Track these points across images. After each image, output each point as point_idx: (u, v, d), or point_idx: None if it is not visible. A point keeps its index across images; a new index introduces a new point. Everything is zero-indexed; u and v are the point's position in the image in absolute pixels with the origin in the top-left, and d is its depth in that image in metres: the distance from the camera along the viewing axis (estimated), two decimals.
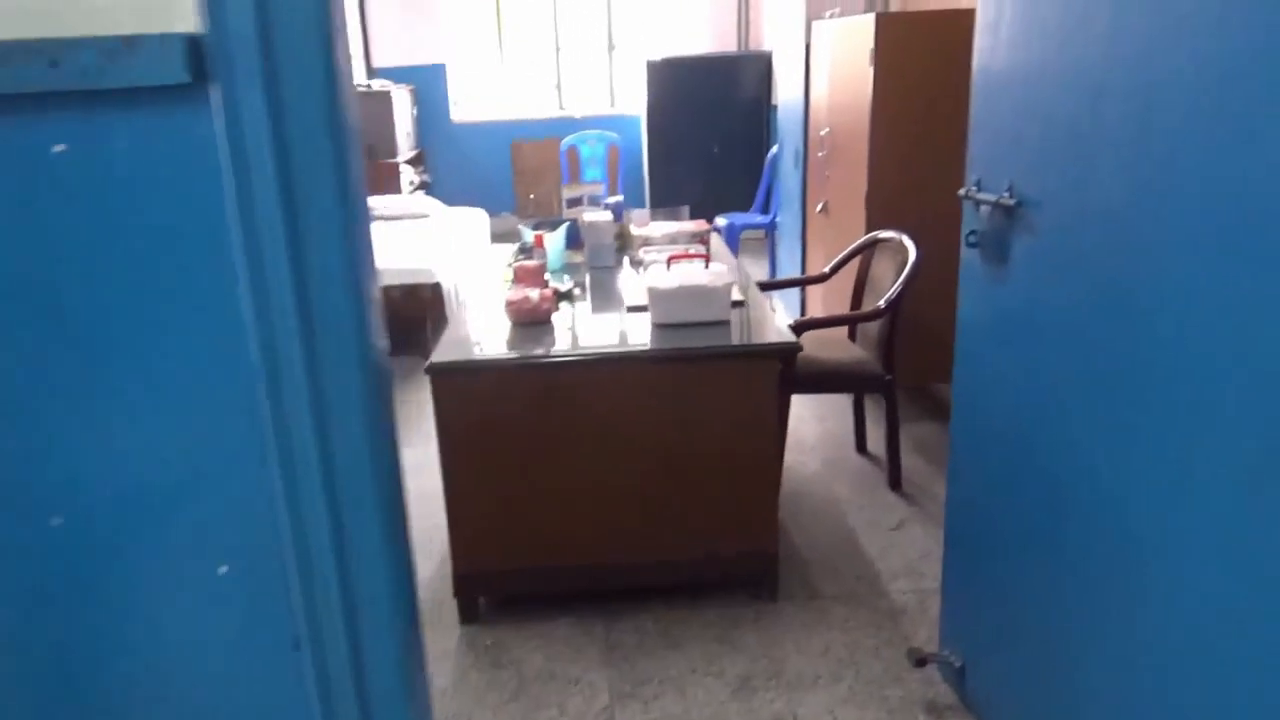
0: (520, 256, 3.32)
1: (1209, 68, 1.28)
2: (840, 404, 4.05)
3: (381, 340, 0.94)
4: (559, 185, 7.67)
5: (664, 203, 7.87)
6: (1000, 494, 1.98)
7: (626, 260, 3.52)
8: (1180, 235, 1.36)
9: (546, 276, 3.03)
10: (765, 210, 6.79)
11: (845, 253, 3.55)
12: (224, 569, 0.82)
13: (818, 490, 3.44)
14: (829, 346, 3.40)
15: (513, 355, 2.54)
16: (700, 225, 3.75)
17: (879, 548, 3.04)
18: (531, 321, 2.76)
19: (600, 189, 3.97)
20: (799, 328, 3.09)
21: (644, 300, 2.79)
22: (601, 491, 2.58)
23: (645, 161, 7.94)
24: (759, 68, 7.62)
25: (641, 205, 8.25)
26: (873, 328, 3.31)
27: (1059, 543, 1.75)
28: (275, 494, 0.82)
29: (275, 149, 0.80)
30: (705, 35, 8.23)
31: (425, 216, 6.54)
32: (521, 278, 2.88)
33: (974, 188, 1.97)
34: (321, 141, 0.82)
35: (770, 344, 2.53)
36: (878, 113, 3.54)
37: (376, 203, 6.63)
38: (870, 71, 3.52)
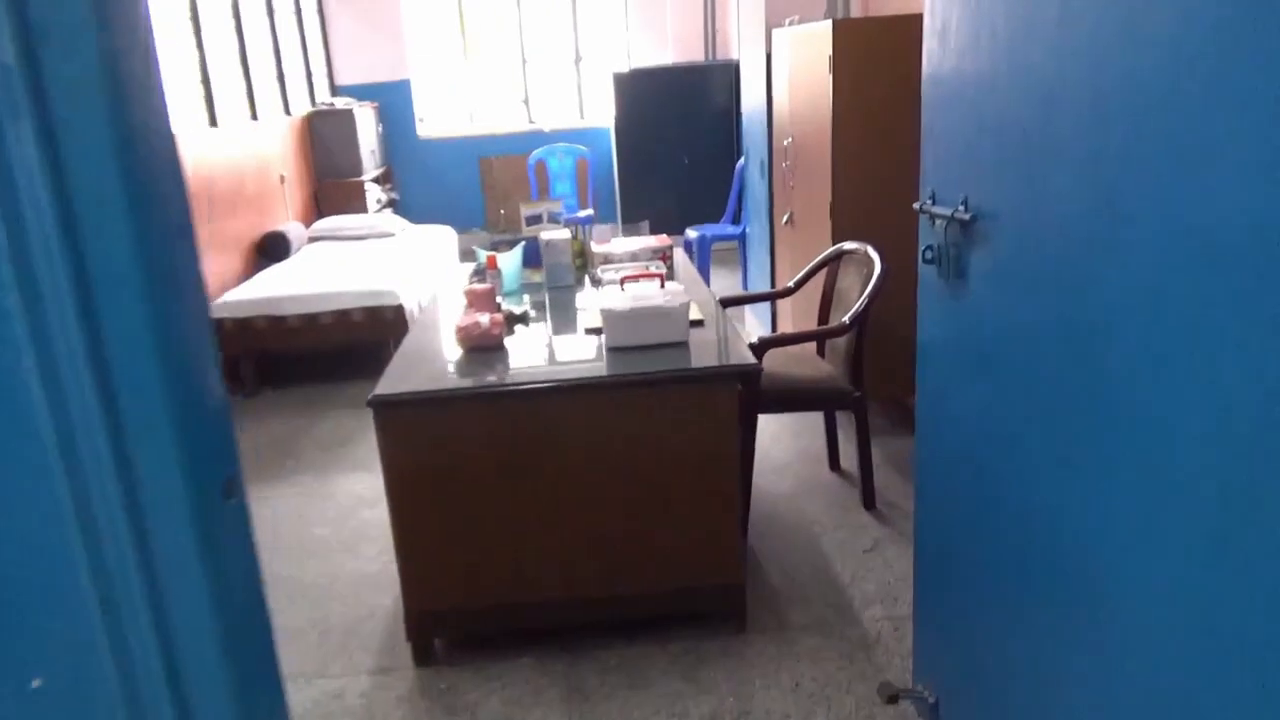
0: (475, 278, 3.21)
1: (1164, 70, 1.18)
2: (813, 420, 3.95)
3: (216, 391, 0.82)
4: (530, 198, 7.57)
5: (636, 216, 7.78)
6: (966, 522, 1.88)
7: (588, 279, 3.42)
8: (1139, 252, 1.27)
9: (499, 299, 2.91)
10: (736, 221, 6.71)
11: (810, 266, 3.45)
12: (37, 683, 0.71)
13: (789, 512, 3.33)
14: (797, 363, 3.30)
15: (458, 385, 2.43)
16: (662, 241, 3.65)
17: (852, 572, 2.93)
18: (482, 347, 2.65)
19: (560, 205, 3.87)
20: (763, 346, 2.99)
21: (600, 322, 2.68)
22: (558, 524, 2.47)
23: (616, 174, 7.85)
24: (727, 77, 7.54)
25: (613, 218, 8.17)
26: (841, 343, 3.22)
27: (1025, 576, 1.65)
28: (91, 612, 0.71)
29: (57, 211, 0.69)
30: (672, 45, 8.16)
31: (390, 235, 6.42)
32: (472, 302, 2.77)
33: (928, 201, 1.87)
34: (112, 200, 0.71)
35: (728, 366, 2.43)
36: (839, 121, 3.45)
37: (340, 222, 6.51)
38: (830, 79, 3.43)
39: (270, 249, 5.76)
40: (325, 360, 5.17)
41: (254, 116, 6.05)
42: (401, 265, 5.47)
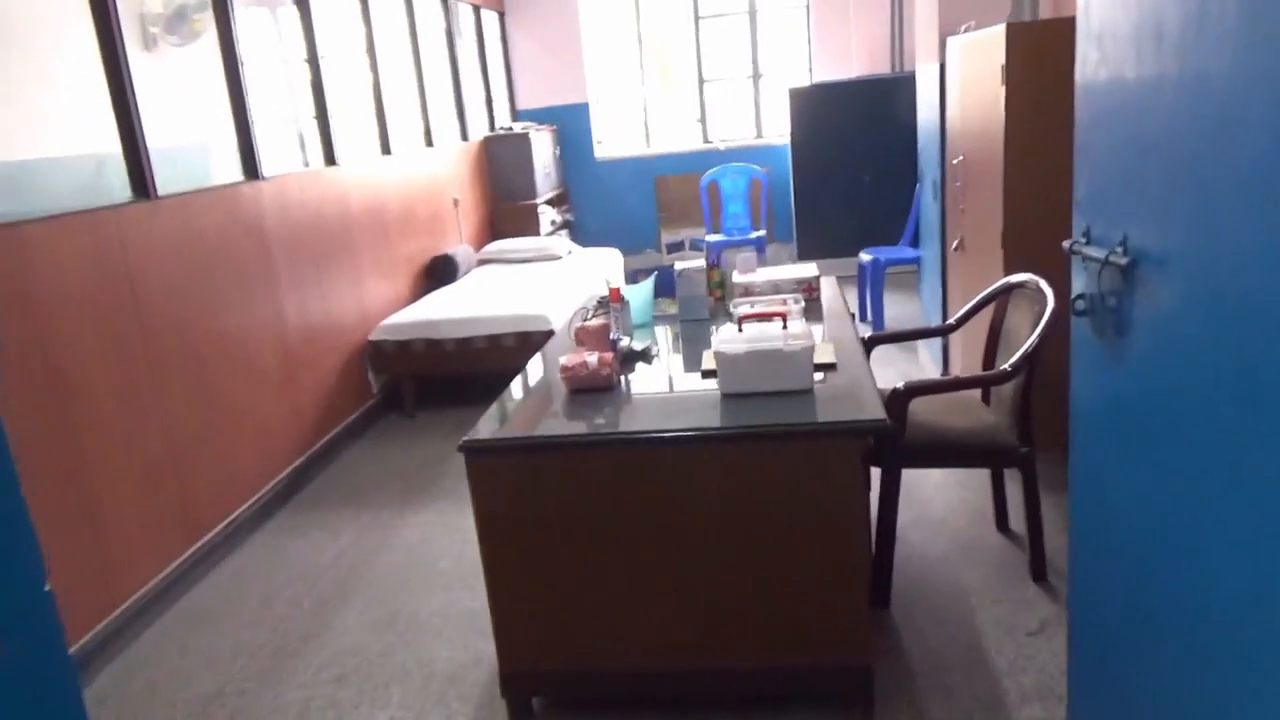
0: (598, 310, 3.06)
1: None
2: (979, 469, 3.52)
3: None
4: (703, 219, 7.42)
5: (812, 236, 7.45)
6: (1129, 617, 1.51)
7: (732, 305, 3.17)
8: None
9: (616, 335, 2.74)
10: (916, 244, 6.24)
11: (974, 301, 3.06)
12: None
13: (942, 579, 2.95)
14: (954, 410, 2.92)
15: (552, 432, 2.27)
16: (808, 271, 3.36)
17: (1010, 658, 2.53)
18: (589, 388, 2.48)
19: (702, 231, 3.65)
20: (908, 392, 2.65)
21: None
22: (661, 587, 2.25)
23: (792, 193, 7.54)
24: (911, 90, 7.06)
25: (789, 238, 7.86)
26: (1007, 388, 2.81)
27: (1200, 685, 1.28)
28: None
29: None
30: (856, 58, 7.76)
31: (557, 258, 6.43)
32: (583, 339, 2.61)
33: (1081, 239, 1.52)
34: None
35: (848, 421, 2.13)
36: (1012, 138, 3.05)
37: (508, 245, 6.59)
38: (1001, 91, 3.04)
39: (438, 272, 5.90)
40: (483, 383, 5.21)
41: (429, 143, 6.23)
42: (561, 288, 5.44)
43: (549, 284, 5.60)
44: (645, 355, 2.79)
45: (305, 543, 3.67)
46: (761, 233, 7.09)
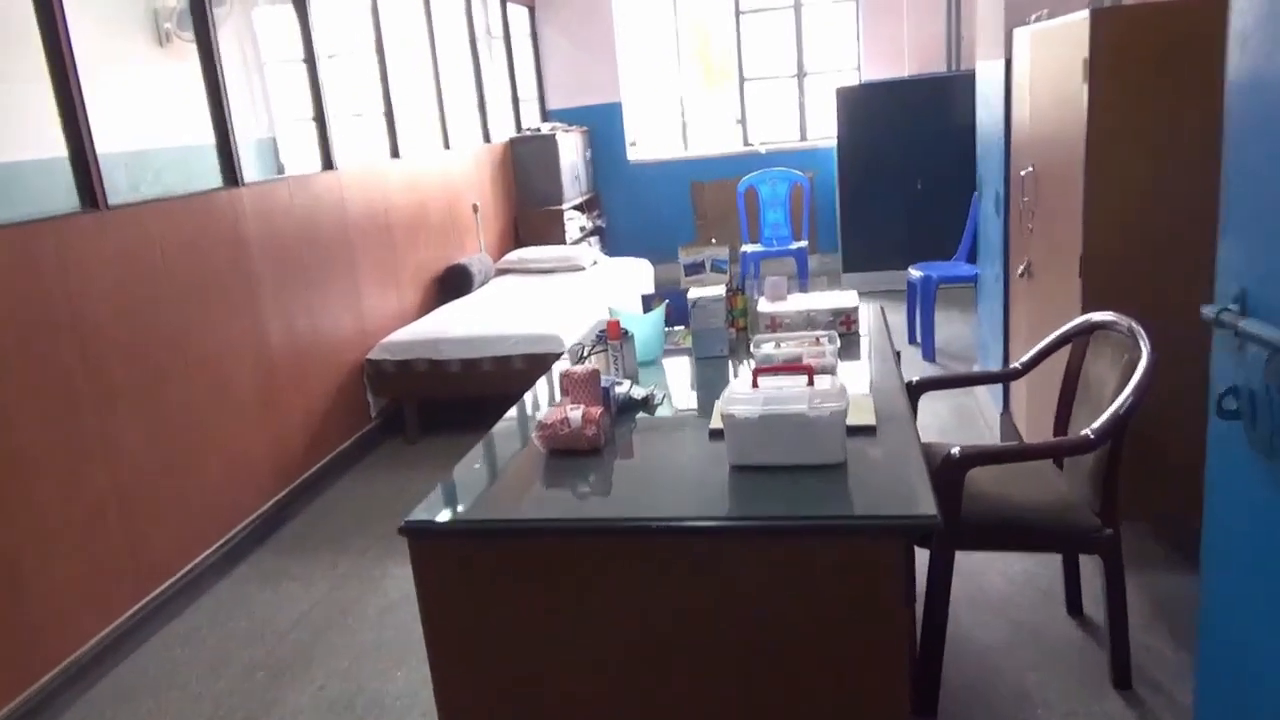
0: (596, 347, 2.60)
1: None
2: None
3: None
4: (739, 228, 6.94)
5: (857, 247, 6.94)
6: None
7: (753, 341, 2.70)
8: None
9: (611, 381, 2.28)
10: (972, 258, 5.69)
11: (1047, 342, 2.55)
12: None
13: (1000, 678, 2.45)
14: (1019, 476, 2.42)
15: (513, 516, 1.82)
16: (846, 300, 2.87)
17: None
18: (569, 450, 2.03)
19: (725, 250, 3.18)
20: (962, 463, 2.15)
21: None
22: (650, 711, 1.79)
23: (837, 200, 7.03)
24: (969, 90, 6.50)
25: (833, 249, 7.34)
26: (1086, 456, 2.31)
27: None
28: None
29: None
30: (909, 56, 7.21)
31: (580, 269, 6.00)
32: (568, 388, 2.16)
33: (1232, 307, 1.04)
34: None
35: (891, 518, 1.65)
36: (1097, 147, 2.54)
37: (529, 254, 6.18)
38: (1084, 91, 2.52)
39: (451, 283, 5.50)
40: (494, 406, 4.79)
41: (446, 145, 5.84)
42: (580, 304, 5.00)
43: (568, 298, 5.16)
44: (647, 404, 2.33)
45: (273, 595, 3.27)
46: (803, 243, 6.59)
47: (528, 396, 2.60)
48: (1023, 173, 3.11)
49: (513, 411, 2.49)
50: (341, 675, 2.74)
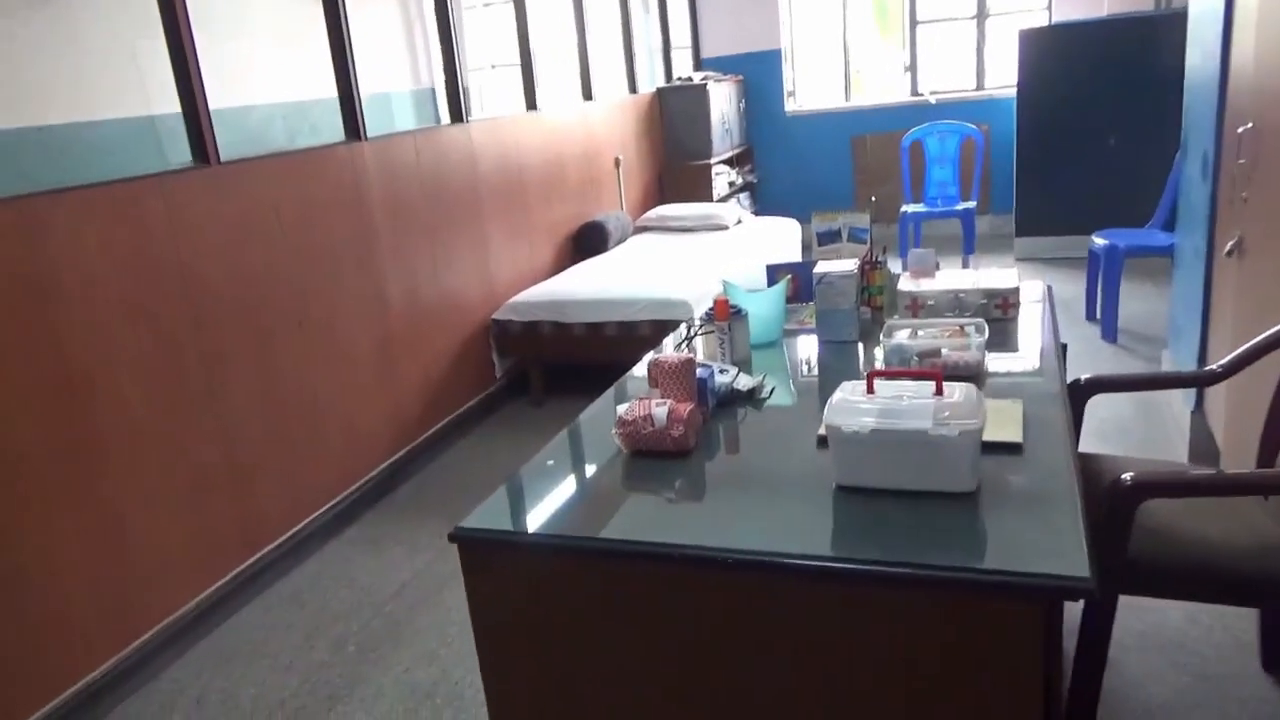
0: (702, 325, 2.31)
1: None
2: None
3: None
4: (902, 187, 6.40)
5: (1036, 210, 6.27)
6: None
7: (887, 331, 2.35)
8: None
9: (712, 370, 2.00)
10: (1170, 226, 4.98)
11: (1258, 342, 2.07)
12: None
13: None
14: (1212, 507, 1.97)
15: (577, 532, 1.58)
16: (1005, 279, 2.45)
17: None
18: (655, 451, 1.77)
19: (865, 218, 2.80)
20: (1139, 490, 1.74)
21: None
22: None
23: (1015, 156, 6.35)
24: (1180, 32, 5.66)
25: (1007, 210, 6.68)
26: None
27: None
28: None
29: None
30: None
31: (723, 228, 5.68)
32: (657, 379, 1.89)
33: None
34: None
35: (1030, 576, 1.29)
36: None
37: (669, 211, 5.91)
38: None
39: (586, 241, 5.30)
40: (620, 372, 4.58)
41: (588, 96, 5.61)
42: (717, 267, 4.69)
43: (706, 260, 4.86)
44: (753, 397, 2.04)
45: (378, 561, 3.21)
46: (971, 204, 5.99)
47: (638, 370, 2.34)
48: (1240, 129, 2.56)
49: (611, 392, 2.25)
50: (428, 659, 2.63)
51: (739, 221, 5.81)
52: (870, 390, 1.60)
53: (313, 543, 3.28)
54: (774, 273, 2.76)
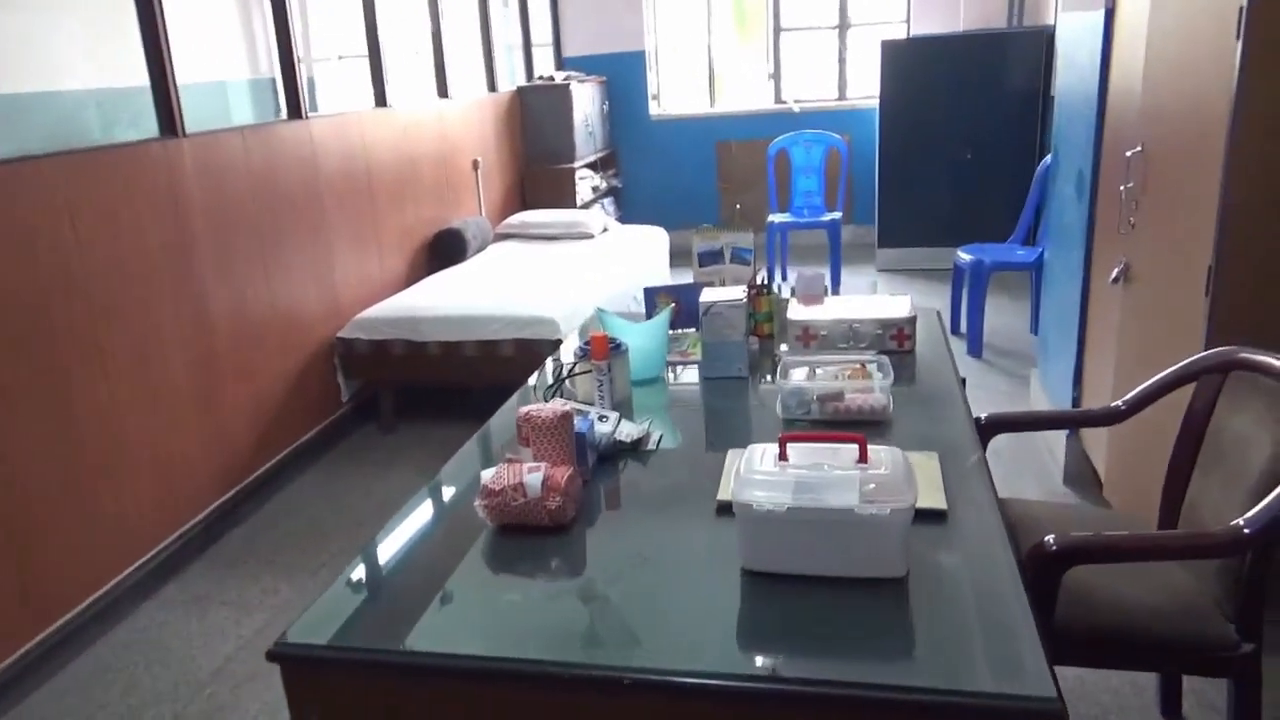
0: (577, 357, 2.03)
1: None
2: None
3: None
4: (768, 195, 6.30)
5: (898, 221, 6.31)
6: None
7: (777, 363, 2.13)
8: None
9: (593, 418, 1.72)
10: (1030, 242, 5.06)
11: (1163, 377, 1.96)
12: None
13: None
14: (1128, 568, 1.84)
15: (421, 648, 1.27)
16: (898, 307, 2.28)
17: None
18: (520, 524, 1.48)
19: (749, 237, 2.59)
20: (1066, 556, 1.58)
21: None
22: None
23: (877, 167, 6.37)
24: (1034, 49, 5.82)
25: (869, 221, 6.70)
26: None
27: None
28: None
29: None
30: (966, 8, 6.49)
31: (588, 236, 5.41)
32: (527, 434, 1.60)
33: None
34: None
35: (983, 697, 1.08)
36: (1246, 126, 1.92)
37: (531, 218, 5.60)
38: (1237, 48, 1.90)
39: (443, 249, 4.93)
40: (480, 395, 4.23)
41: (443, 94, 5.23)
42: (584, 279, 4.42)
43: (571, 272, 4.58)
44: (639, 448, 1.78)
45: (200, 625, 2.77)
46: (837, 214, 5.95)
47: (505, 411, 2.03)
48: (1129, 153, 2.49)
49: (474, 444, 1.93)
50: None
51: (605, 230, 5.56)
52: (783, 457, 1.36)
53: (122, 606, 2.80)
54: (653, 296, 2.51)
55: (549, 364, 2.21)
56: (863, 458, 1.33)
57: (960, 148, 6.09)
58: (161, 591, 2.95)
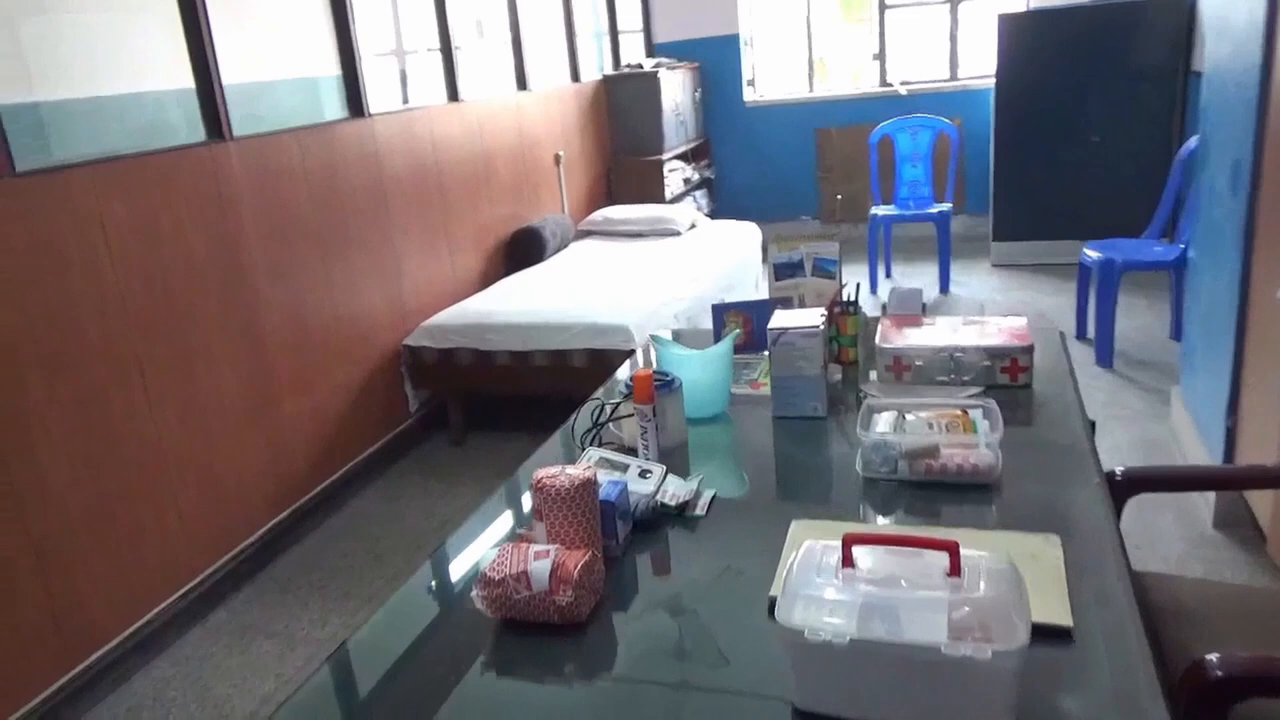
0: (618, 411, 1.73)
1: None
2: None
3: None
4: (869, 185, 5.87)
5: (1015, 212, 5.77)
6: None
7: (863, 400, 1.80)
8: None
9: (624, 481, 1.43)
10: (1167, 237, 4.50)
11: None
12: None
13: None
14: None
15: None
16: (1016, 333, 1.91)
17: None
18: (526, 619, 1.21)
19: (834, 247, 2.24)
20: (1234, 684, 1.21)
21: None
22: None
23: (993, 153, 5.86)
24: (1172, 19, 5.19)
25: (982, 211, 6.18)
26: None
27: None
28: None
29: None
30: None
31: (675, 234, 5.11)
32: (540, 508, 1.32)
33: None
34: None
35: None
36: None
37: (615, 214, 5.33)
38: None
39: (520, 249, 4.71)
40: (554, 406, 3.98)
41: (522, 86, 5.00)
42: (665, 284, 4.12)
43: (652, 274, 4.30)
44: (685, 513, 1.48)
45: (243, 659, 2.62)
46: (946, 206, 5.47)
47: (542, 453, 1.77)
48: None
49: (500, 498, 1.67)
50: None
51: (693, 226, 5.25)
52: (847, 562, 1.04)
53: (166, 636, 2.68)
54: (721, 315, 2.20)
55: (588, 414, 1.90)
56: (954, 570, 1.00)
57: (1086, 131, 5.52)
58: (209, 618, 2.81)
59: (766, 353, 1.86)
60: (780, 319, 1.84)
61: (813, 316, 1.84)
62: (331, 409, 3.42)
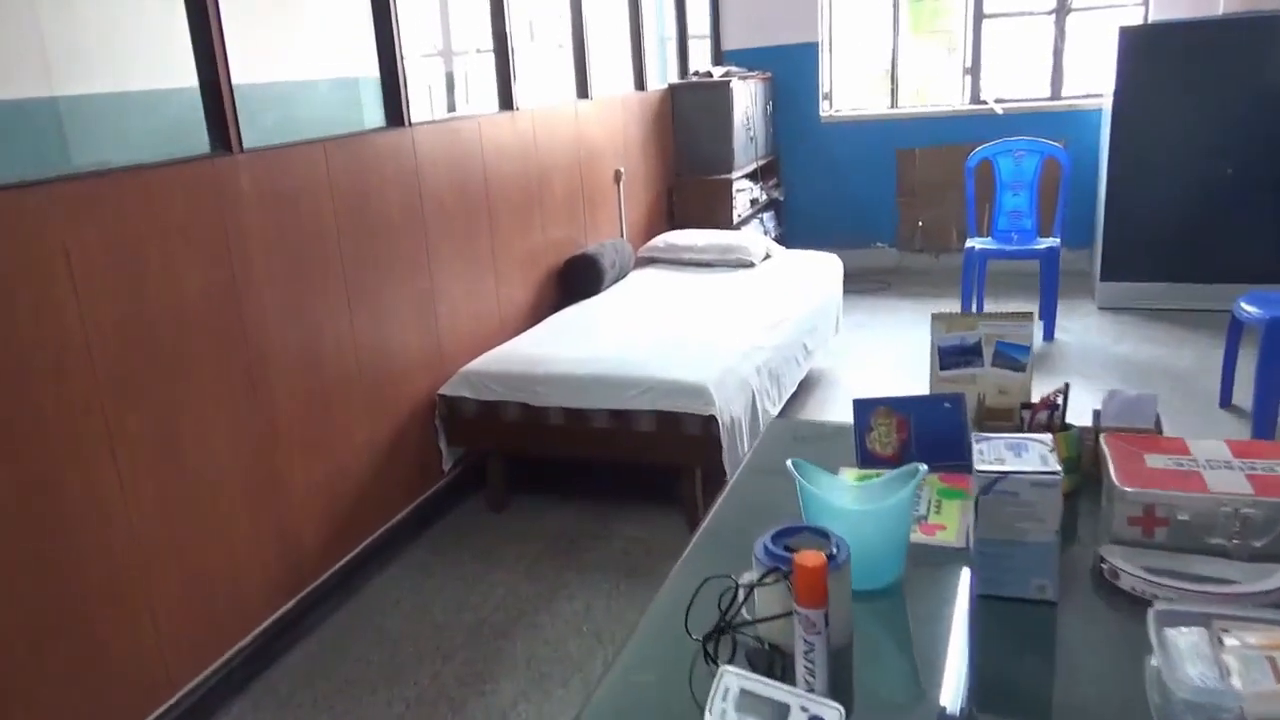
0: (753, 584, 1.16)
1: None
2: None
3: None
4: (962, 211, 5.24)
5: (1125, 249, 5.11)
6: None
7: (1104, 561, 1.20)
8: None
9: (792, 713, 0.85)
10: None
11: None
12: None
13: None
14: None
15: None
16: None
17: None
18: None
19: (1026, 330, 1.64)
20: None
21: None
22: None
23: (1103, 183, 5.21)
24: None
25: (1085, 244, 5.54)
26: None
27: None
28: None
29: None
30: None
31: (748, 265, 4.53)
32: None
33: None
34: None
35: None
36: None
37: (679, 240, 4.76)
38: None
39: (574, 279, 4.15)
40: (614, 471, 3.40)
41: (583, 94, 4.45)
42: (741, 328, 3.54)
43: (727, 315, 3.72)
44: None
45: None
46: (1055, 241, 4.83)
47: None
48: None
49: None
50: None
51: (768, 256, 4.66)
52: None
53: None
54: (866, 415, 1.61)
55: (736, 578, 1.25)
56: None
57: (1217, 162, 4.86)
58: None
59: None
60: (990, 450, 1.25)
61: (1039, 450, 1.25)
62: (351, 475, 2.87)
